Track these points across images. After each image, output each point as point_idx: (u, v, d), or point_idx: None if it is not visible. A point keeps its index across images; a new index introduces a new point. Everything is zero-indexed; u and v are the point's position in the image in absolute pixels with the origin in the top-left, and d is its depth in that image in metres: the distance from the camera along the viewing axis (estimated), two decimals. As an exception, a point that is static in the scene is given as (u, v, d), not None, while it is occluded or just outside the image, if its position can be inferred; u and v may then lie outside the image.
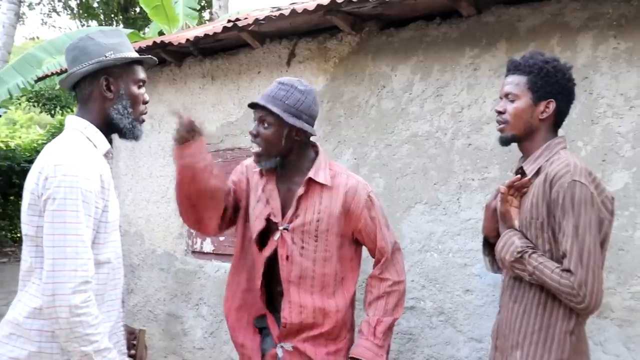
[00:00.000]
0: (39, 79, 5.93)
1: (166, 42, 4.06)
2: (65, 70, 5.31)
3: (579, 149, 2.70)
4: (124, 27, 11.46)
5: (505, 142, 2.08)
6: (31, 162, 11.96)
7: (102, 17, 12.72)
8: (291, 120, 2.13)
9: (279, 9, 3.86)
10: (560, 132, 2.09)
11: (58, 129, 11.89)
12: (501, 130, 2.06)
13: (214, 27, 4.09)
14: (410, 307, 3.11)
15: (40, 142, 11.86)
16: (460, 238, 2.99)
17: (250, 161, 2.38)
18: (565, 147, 1.99)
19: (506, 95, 2.03)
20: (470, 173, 3.01)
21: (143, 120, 1.89)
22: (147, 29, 10.22)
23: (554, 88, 1.94)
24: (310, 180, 2.21)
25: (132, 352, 1.88)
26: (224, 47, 4.22)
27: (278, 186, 2.30)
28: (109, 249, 1.74)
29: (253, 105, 2.23)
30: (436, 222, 3.08)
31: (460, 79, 3.08)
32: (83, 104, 1.80)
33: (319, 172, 2.23)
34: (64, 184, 1.59)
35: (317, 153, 2.32)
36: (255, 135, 2.19)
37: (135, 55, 1.82)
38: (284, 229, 2.22)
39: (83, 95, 1.80)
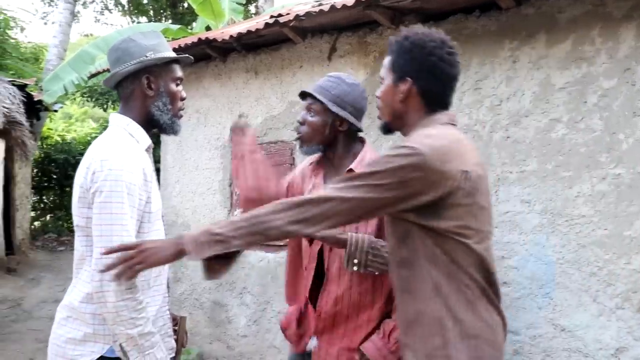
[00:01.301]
0: (92, 75, 6.19)
1: (211, 38, 4.19)
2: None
3: (620, 141, 2.66)
4: (172, 23, 11.73)
5: (383, 131, 1.87)
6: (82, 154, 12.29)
7: (151, 13, 13.09)
8: (334, 108, 2.20)
9: (320, 4, 3.92)
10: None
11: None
12: (379, 118, 1.86)
13: (257, 23, 4.18)
14: (448, 298, 3.14)
15: (93, 135, 12.33)
16: (497, 231, 2.99)
17: (309, 160, 2.46)
18: (445, 123, 1.70)
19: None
20: (508, 166, 3.00)
21: (181, 116, 1.98)
22: (194, 24, 10.44)
23: (410, 65, 1.69)
24: (350, 171, 2.26)
25: (174, 336, 1.99)
26: (266, 43, 4.31)
27: (325, 180, 2.36)
28: (153, 237, 1.85)
29: (302, 94, 2.32)
30: (474, 215, 3.09)
31: (499, 71, 3.08)
32: (125, 102, 1.91)
33: (360, 163, 2.28)
34: (110, 178, 1.70)
35: (363, 144, 2.37)
36: (302, 123, 2.28)
37: (173, 54, 1.93)
38: None
39: (125, 93, 1.91)
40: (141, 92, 1.88)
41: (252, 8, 12.47)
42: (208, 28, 9.35)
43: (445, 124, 1.70)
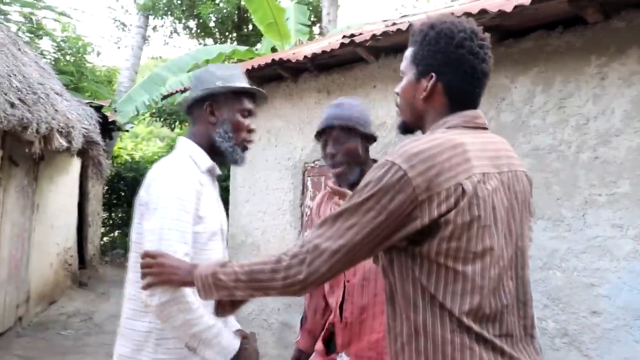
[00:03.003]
0: (165, 97, 6.39)
1: (284, 59, 4.23)
2: (187, 89, 5.68)
3: None
4: (238, 44, 12.01)
5: (401, 130, 1.64)
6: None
7: (217, 35, 13.48)
8: (361, 129, 2.23)
9: (395, 24, 3.90)
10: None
11: (175, 142, 12.67)
12: (398, 116, 1.65)
13: (330, 43, 4.21)
14: (531, 326, 3.00)
15: (160, 154, 12.73)
16: (585, 256, 2.84)
17: (315, 201, 2.48)
18: (452, 126, 1.45)
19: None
20: (597, 188, 2.86)
21: (245, 147, 2.01)
22: (259, 45, 10.67)
23: (435, 59, 1.46)
24: None
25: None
26: (338, 63, 4.32)
27: None
28: (204, 258, 1.87)
29: (323, 131, 2.29)
30: (559, 239, 2.95)
31: (585, 89, 2.95)
32: (192, 126, 2.01)
33: None
34: (163, 193, 1.77)
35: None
36: (334, 155, 2.26)
37: (243, 86, 1.97)
38: None
39: (193, 118, 2.00)
40: (204, 118, 1.95)
41: (316, 29, 12.61)
42: (274, 49, 9.53)
43: (453, 128, 1.44)
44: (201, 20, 13.13)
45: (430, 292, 1.33)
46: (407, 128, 1.60)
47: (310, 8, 11.67)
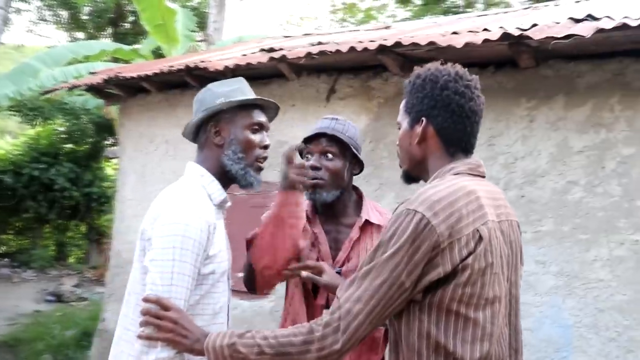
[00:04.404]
0: (46, 92, 5.70)
1: (201, 67, 3.94)
2: (76, 86, 5.11)
3: (638, 208, 2.70)
4: (113, 41, 11.22)
5: (404, 180, 1.66)
6: (3, 172, 11.58)
7: (90, 29, 12.46)
8: (353, 149, 2.07)
9: (320, 43, 3.81)
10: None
11: (35, 140, 11.51)
12: (400, 167, 1.67)
13: (252, 54, 4.01)
14: None
15: (16, 152, 11.43)
16: (511, 291, 2.94)
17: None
18: (459, 172, 1.47)
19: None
20: (522, 225, 2.95)
21: (260, 168, 1.78)
22: (138, 45, 10.03)
23: (424, 104, 1.50)
24: (366, 222, 2.14)
25: None
26: (254, 76, 4.12)
27: (324, 229, 2.20)
28: (211, 301, 1.64)
29: (316, 136, 2.13)
30: (485, 273, 3.03)
31: (514, 129, 3.07)
32: (199, 151, 1.79)
33: (370, 212, 2.15)
34: (169, 231, 1.54)
35: (359, 194, 2.24)
36: (317, 168, 2.07)
37: (243, 99, 1.74)
38: (337, 272, 2.11)
39: (200, 143, 1.78)
40: (210, 142, 1.74)
41: (198, 36, 12.20)
42: (158, 52, 9.03)
43: (460, 174, 1.46)
44: (74, 11, 12.09)
45: (438, 341, 1.31)
46: (409, 177, 1.62)
47: (195, 14, 11.27)
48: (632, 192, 2.73)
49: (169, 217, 1.56)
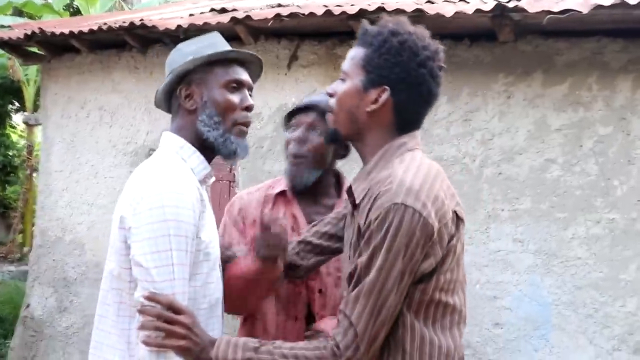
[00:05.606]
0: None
1: (148, 25, 3.53)
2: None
3: (614, 187, 2.74)
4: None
5: (329, 139, 1.52)
6: None
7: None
8: None
9: (280, 5, 3.54)
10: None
11: None
12: (329, 122, 1.48)
13: (204, 14, 3.66)
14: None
15: None
16: (488, 269, 2.92)
17: (239, 197, 2.06)
18: (412, 149, 1.36)
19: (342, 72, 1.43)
20: (500, 203, 2.95)
21: (242, 132, 1.51)
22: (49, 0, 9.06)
23: (393, 72, 1.31)
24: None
25: None
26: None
27: (304, 211, 2.04)
28: (207, 292, 1.44)
29: (307, 108, 1.94)
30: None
31: (492, 105, 3.01)
32: (172, 120, 1.55)
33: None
34: (154, 219, 1.32)
35: (337, 175, 2.09)
36: (301, 141, 1.89)
37: (214, 52, 1.47)
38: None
39: (173, 111, 1.55)
40: (182, 107, 1.50)
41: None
42: (73, 8, 8.23)
43: (412, 150, 1.36)
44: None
45: (423, 335, 1.30)
46: (337, 138, 1.46)
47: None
48: (609, 172, 2.76)
49: (155, 199, 1.32)
